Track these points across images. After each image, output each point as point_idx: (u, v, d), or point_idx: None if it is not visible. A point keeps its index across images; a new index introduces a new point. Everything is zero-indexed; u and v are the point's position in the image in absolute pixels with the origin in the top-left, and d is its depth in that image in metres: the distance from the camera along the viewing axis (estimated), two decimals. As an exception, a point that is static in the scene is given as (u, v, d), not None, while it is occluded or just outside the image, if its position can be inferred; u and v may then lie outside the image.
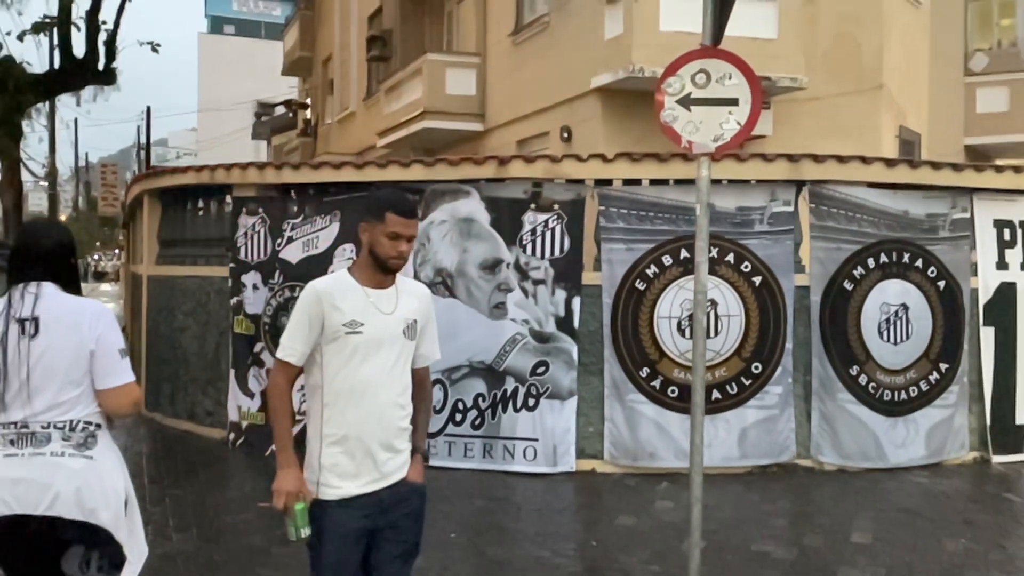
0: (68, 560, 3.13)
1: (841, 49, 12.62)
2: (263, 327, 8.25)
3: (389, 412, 3.17)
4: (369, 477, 3.12)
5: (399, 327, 3.18)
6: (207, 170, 8.78)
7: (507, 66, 15.18)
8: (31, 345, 3.07)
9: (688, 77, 5.09)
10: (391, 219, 3.07)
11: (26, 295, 3.13)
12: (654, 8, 11.43)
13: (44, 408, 3.07)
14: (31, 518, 3.01)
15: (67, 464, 3.07)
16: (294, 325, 3.14)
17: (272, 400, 3.24)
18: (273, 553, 5.60)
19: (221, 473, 7.82)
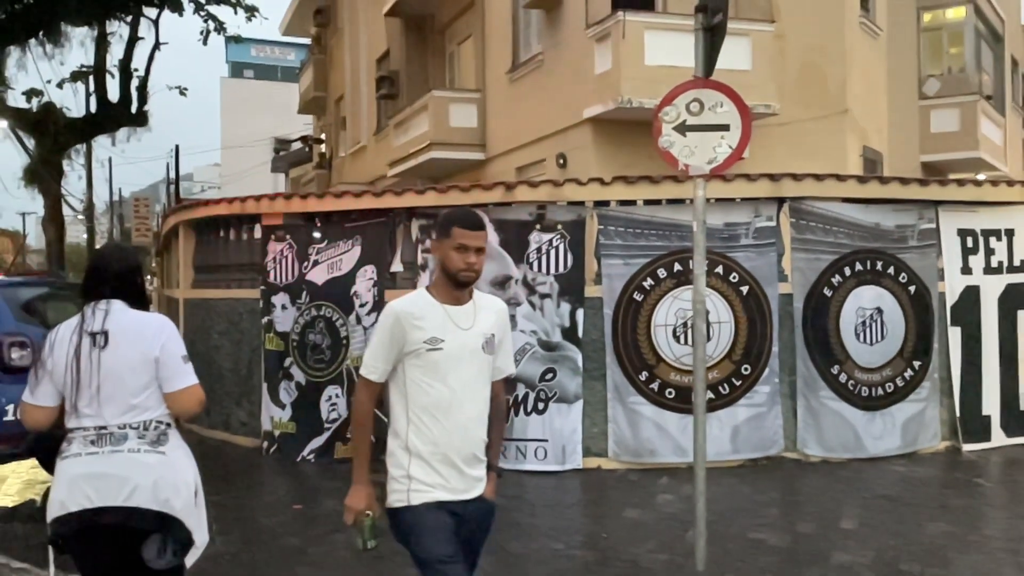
0: (148, 547, 3.15)
1: (809, 78, 12.63)
2: (291, 343, 8.19)
3: (472, 426, 3.04)
4: (450, 490, 2.99)
5: (478, 342, 3.04)
6: (238, 201, 8.73)
7: (505, 100, 15.17)
8: (101, 356, 3.13)
9: (683, 106, 5.07)
10: (457, 232, 2.95)
11: (97, 311, 3.20)
12: (639, 45, 11.43)
13: (118, 412, 3.13)
14: (110, 509, 3.05)
15: (143, 460, 3.12)
16: (376, 344, 3.03)
17: (355, 416, 3.13)
18: (309, 552, 5.53)
19: (256, 479, 7.73)
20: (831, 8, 12.92)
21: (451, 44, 18.37)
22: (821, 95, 12.68)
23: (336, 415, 7.97)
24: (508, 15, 14.96)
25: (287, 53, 56.90)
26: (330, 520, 6.19)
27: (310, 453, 7.99)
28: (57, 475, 3.15)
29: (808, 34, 12.60)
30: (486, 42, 15.93)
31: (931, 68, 17.08)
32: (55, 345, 3.17)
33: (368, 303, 8.00)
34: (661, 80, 11.16)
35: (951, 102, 16.41)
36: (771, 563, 5.25)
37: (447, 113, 16.00)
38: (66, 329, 3.20)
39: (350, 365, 7.96)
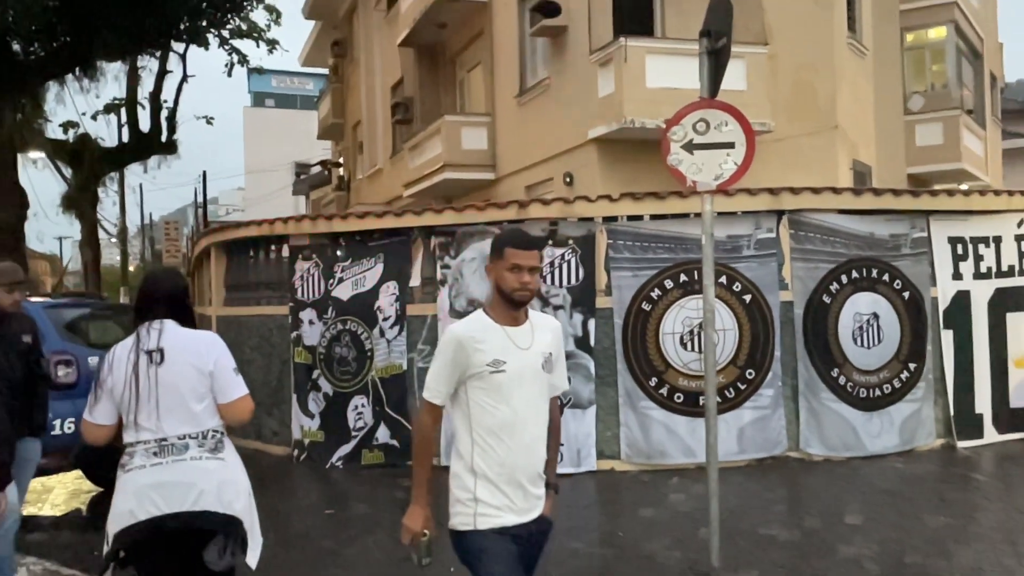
0: (209, 550, 3.19)
1: (800, 96, 12.61)
2: (319, 356, 8.18)
3: (536, 445, 2.90)
4: (516, 511, 2.84)
5: (538, 361, 2.90)
6: (267, 223, 8.73)
7: (514, 123, 15.18)
8: (159, 372, 3.16)
9: (690, 126, 5.04)
10: (510, 253, 2.81)
11: (151, 330, 3.22)
12: (640, 69, 11.44)
13: (177, 424, 3.15)
14: (179, 514, 3.07)
15: (205, 466, 3.16)
16: (438, 368, 2.88)
17: (417, 439, 2.97)
18: (342, 554, 5.50)
19: (289, 485, 7.69)
20: (820, 30, 12.90)
21: (461, 71, 18.41)
22: (812, 112, 12.66)
23: (362, 423, 7.95)
24: (515, 43, 14.98)
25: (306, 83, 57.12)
26: (361, 523, 6.18)
27: (338, 460, 7.96)
28: (121, 488, 3.14)
29: (799, 55, 12.59)
30: (495, 69, 15.96)
31: (915, 85, 17.06)
32: (113, 365, 3.18)
33: (391, 317, 7.99)
34: (662, 101, 11.20)
35: (935, 116, 16.39)
36: (782, 557, 5.20)
37: (459, 136, 16.01)
38: (122, 349, 3.21)
39: (375, 376, 7.95)
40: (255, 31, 18.14)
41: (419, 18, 16.85)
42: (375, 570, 5.20)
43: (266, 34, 18.45)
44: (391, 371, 7.93)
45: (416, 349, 7.91)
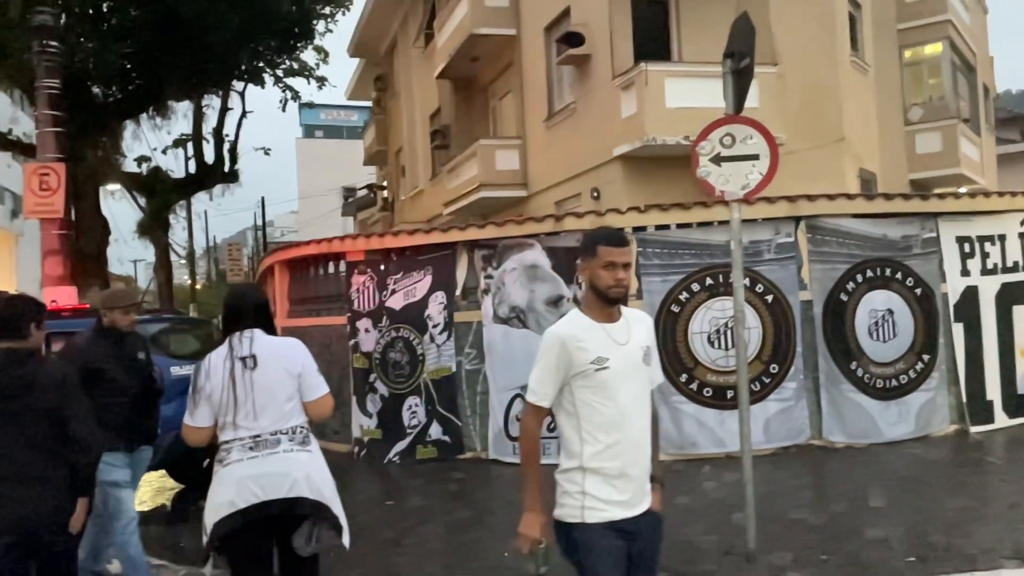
0: (298, 535, 3.21)
1: (808, 111, 12.42)
2: (374, 361, 8.18)
3: (644, 439, 2.69)
4: (626, 506, 2.61)
5: (638, 355, 2.68)
6: (325, 242, 8.77)
7: (543, 144, 15.14)
8: (253, 376, 3.19)
9: (717, 140, 4.96)
10: (603, 251, 2.60)
11: (243, 339, 3.25)
12: (660, 91, 11.35)
13: (271, 421, 3.18)
14: (276, 501, 3.09)
15: (296, 457, 3.18)
16: (542, 370, 2.64)
17: (524, 444, 2.72)
18: (403, 543, 5.47)
19: (350, 480, 7.66)
20: (825, 50, 12.73)
21: (493, 99, 18.43)
22: (820, 126, 12.46)
23: (416, 421, 7.93)
24: (543, 72, 14.96)
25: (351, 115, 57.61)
26: (418, 514, 6.14)
27: (395, 455, 7.95)
28: (220, 480, 3.16)
29: (806, 73, 12.41)
30: (524, 96, 15.94)
31: (914, 97, 16.77)
32: (210, 372, 3.20)
33: (440, 324, 7.97)
34: (680, 120, 11.12)
35: (933, 126, 16.08)
36: (814, 540, 5.08)
37: (493, 158, 16.00)
38: (217, 357, 3.23)
39: (426, 378, 7.92)
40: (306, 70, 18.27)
41: (454, 53, 16.90)
42: (434, 558, 5.16)
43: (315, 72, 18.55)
44: (441, 373, 7.90)
45: (463, 352, 7.87)
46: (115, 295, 4.77)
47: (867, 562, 4.64)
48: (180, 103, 17.80)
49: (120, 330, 4.57)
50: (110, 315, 4.55)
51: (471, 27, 15.76)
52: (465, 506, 6.33)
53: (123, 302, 4.65)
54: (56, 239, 9.71)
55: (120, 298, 4.70)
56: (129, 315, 4.60)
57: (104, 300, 4.70)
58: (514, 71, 16.38)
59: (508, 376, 7.56)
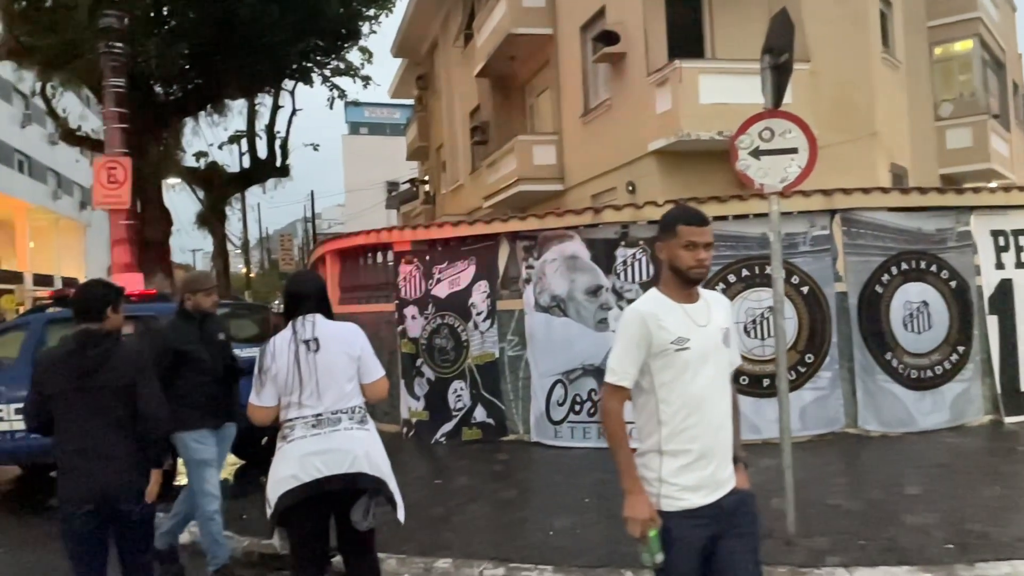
0: (356, 509, 3.23)
1: (841, 107, 12.13)
2: (421, 347, 8.17)
3: (725, 422, 2.51)
4: (709, 489, 2.44)
5: (718, 337, 2.50)
6: (374, 233, 8.78)
7: (579, 139, 15.02)
8: (316, 358, 3.21)
9: (756, 134, 4.83)
10: (683, 230, 2.43)
11: (305, 323, 3.28)
12: (694, 88, 11.17)
13: (332, 401, 3.20)
14: (338, 476, 3.12)
15: (356, 435, 3.20)
16: (623, 349, 2.45)
17: (610, 426, 2.48)
18: (452, 520, 5.44)
19: (400, 459, 7.56)
20: (857, 47, 12.41)
21: (531, 97, 18.32)
22: (852, 121, 12.16)
23: (461, 404, 7.92)
24: (579, 70, 14.81)
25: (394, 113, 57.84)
26: (465, 493, 6.12)
27: (442, 436, 7.94)
28: (283, 456, 3.19)
29: (839, 70, 12.11)
30: (561, 93, 15.81)
31: (945, 93, 16.32)
32: (276, 354, 3.22)
33: (483, 312, 7.93)
34: (715, 116, 10.92)
35: (964, 122, 15.64)
36: (851, 525, 4.94)
37: (531, 153, 15.92)
38: (281, 340, 3.25)
39: (471, 363, 7.90)
40: (352, 69, 18.33)
41: (493, 52, 16.81)
42: (482, 535, 5.12)
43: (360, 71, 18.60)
44: (485, 359, 7.87)
45: (506, 339, 7.83)
46: (197, 279, 4.74)
47: (905, 548, 4.51)
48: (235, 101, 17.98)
49: (202, 312, 4.55)
50: (193, 298, 4.53)
51: (509, 27, 15.66)
52: (510, 486, 6.30)
53: (205, 285, 4.63)
54: (123, 229, 9.87)
55: (202, 281, 4.68)
56: (211, 296, 4.59)
57: (186, 284, 4.68)
58: (551, 69, 16.25)
59: (549, 362, 7.50)
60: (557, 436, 7.42)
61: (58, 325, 6.98)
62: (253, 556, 4.97)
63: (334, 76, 18.28)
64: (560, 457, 7.12)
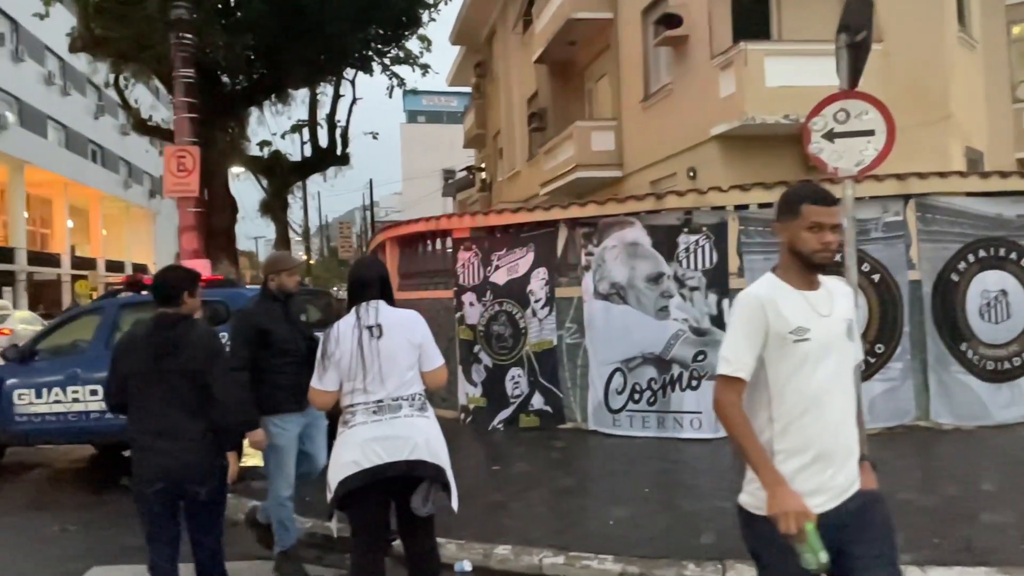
0: (416, 495, 3.23)
1: (914, 89, 11.61)
2: (479, 333, 8.17)
3: (846, 421, 2.26)
4: (828, 494, 2.19)
5: (841, 328, 2.27)
6: (433, 220, 8.79)
7: (639, 125, 14.79)
8: (379, 344, 3.20)
9: (830, 116, 4.66)
10: (808, 210, 2.21)
11: (369, 309, 3.28)
12: (760, 70, 10.85)
13: (394, 388, 3.19)
14: (398, 463, 3.11)
15: (416, 423, 3.19)
16: (738, 337, 2.23)
17: (730, 420, 2.22)
18: (510, 507, 5.42)
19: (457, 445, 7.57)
20: (931, 26, 11.86)
21: (589, 82, 18.12)
22: (925, 103, 11.64)
23: (519, 392, 7.89)
24: (640, 54, 14.57)
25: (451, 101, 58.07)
26: (523, 480, 6.09)
27: (499, 423, 7.94)
28: (344, 441, 3.20)
29: (912, 50, 11.60)
30: (620, 78, 15.58)
31: (1022, 75, 15.51)
32: (339, 340, 3.23)
33: (541, 299, 7.88)
34: (781, 99, 10.60)
35: (1043, 103, 14.87)
36: (923, 522, 4.74)
37: (589, 139, 15.76)
38: (345, 326, 3.25)
39: (529, 350, 7.86)
40: (411, 58, 18.39)
41: (552, 38, 16.66)
42: (540, 523, 5.08)
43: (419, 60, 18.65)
44: (543, 346, 7.82)
45: (564, 327, 7.77)
46: (280, 259, 4.71)
47: (981, 548, 4.30)
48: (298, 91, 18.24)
49: (286, 292, 4.51)
50: (277, 278, 4.48)
51: (569, 12, 15.49)
52: (568, 474, 6.26)
53: (288, 264, 4.59)
54: (192, 216, 10.12)
55: (285, 261, 4.65)
56: (294, 277, 4.55)
57: (269, 265, 4.64)
58: (610, 54, 16.02)
59: (608, 350, 7.42)
60: (616, 425, 7.34)
61: (130, 309, 7.21)
62: (316, 538, 5.04)
63: (393, 64, 18.38)
64: (618, 446, 7.04)
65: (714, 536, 4.62)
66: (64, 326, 7.66)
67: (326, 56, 15.70)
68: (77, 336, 7.41)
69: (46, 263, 35.08)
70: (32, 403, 7.06)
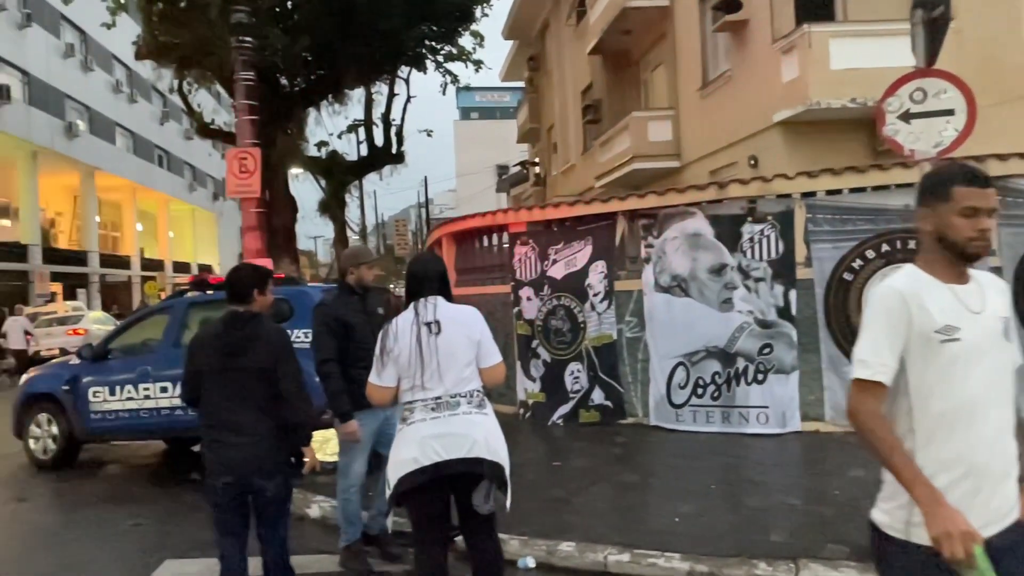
0: (477, 493, 3.17)
1: (989, 67, 11.07)
2: (536, 328, 8.12)
3: (1002, 435, 1.94)
4: (979, 520, 1.84)
5: (997, 327, 1.96)
6: (490, 215, 8.77)
7: (697, 114, 14.50)
8: (437, 341, 3.16)
9: (906, 95, 4.45)
10: (961, 193, 1.94)
11: (427, 305, 3.24)
12: (824, 53, 10.48)
13: (452, 384, 3.15)
14: (457, 460, 3.08)
15: (476, 420, 3.15)
16: (877, 335, 1.94)
17: (874, 430, 1.91)
18: (573, 502, 5.35)
19: (516, 440, 7.64)
20: (1005, 2, 11.30)
21: (645, 72, 17.86)
22: (1001, 82, 11.07)
23: (579, 387, 7.81)
24: (697, 41, 14.28)
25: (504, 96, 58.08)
26: (585, 476, 6.02)
27: (559, 418, 7.88)
28: (403, 438, 3.18)
29: (986, 27, 11.06)
30: (677, 66, 15.30)
31: (1110, 47, 14.63)
32: (398, 335, 3.21)
33: (600, 293, 7.78)
34: (847, 82, 10.24)
35: None
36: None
37: (645, 130, 15.53)
38: (404, 321, 3.23)
39: (588, 345, 7.78)
40: (464, 54, 18.42)
41: (606, 28, 16.47)
42: (604, 519, 5.01)
43: (472, 56, 18.66)
44: (602, 340, 7.72)
45: (624, 320, 7.65)
46: (359, 252, 4.68)
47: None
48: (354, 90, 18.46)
49: (364, 286, 4.49)
50: (356, 271, 4.45)
51: (624, 1, 15.28)
52: (630, 470, 6.15)
53: (367, 257, 4.57)
54: (254, 216, 10.32)
55: (364, 254, 4.62)
56: (373, 270, 4.53)
57: (348, 258, 4.62)
58: (667, 42, 15.75)
59: (670, 344, 7.28)
60: (678, 420, 7.20)
61: (198, 308, 7.39)
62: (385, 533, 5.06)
63: (447, 61, 18.44)
64: (681, 441, 6.90)
65: (785, 534, 4.48)
66: (135, 326, 7.90)
67: (380, 54, 15.84)
68: (147, 335, 7.63)
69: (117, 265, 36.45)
70: (106, 400, 7.31)
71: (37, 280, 28.37)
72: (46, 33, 29.56)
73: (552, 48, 24.36)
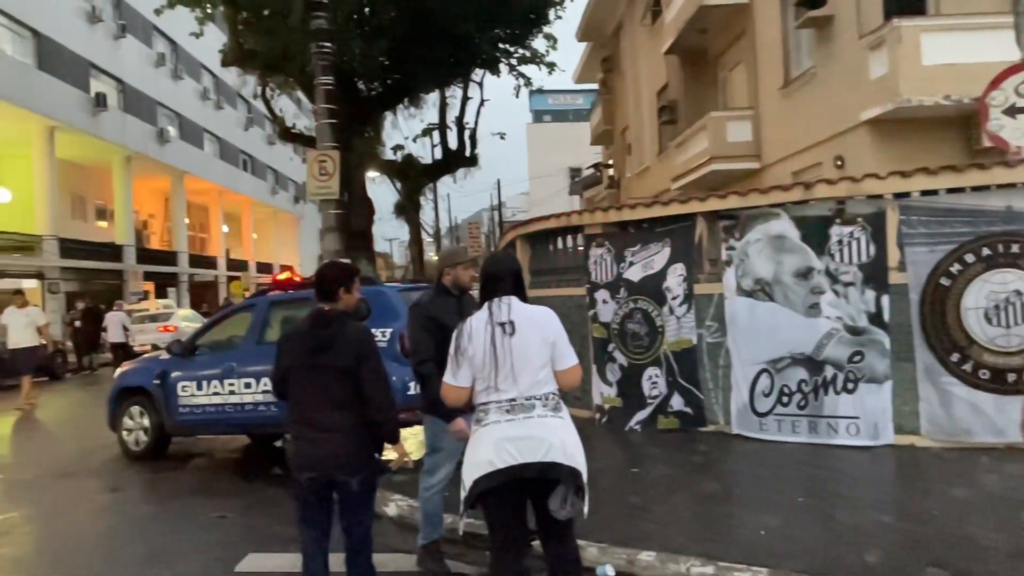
0: (553, 498, 3.09)
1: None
2: (612, 331, 7.98)
3: None
4: None
5: None
6: (564, 216, 8.67)
7: (778, 113, 14.06)
8: (512, 341, 3.11)
9: (1011, 89, 4.19)
10: None
11: (501, 305, 3.19)
12: (915, 48, 10.00)
13: (526, 386, 3.09)
14: (532, 464, 3.01)
15: (551, 423, 3.08)
16: None
17: None
18: (652, 510, 5.20)
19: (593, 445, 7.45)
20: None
21: (723, 71, 17.45)
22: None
23: (657, 392, 7.64)
24: (778, 38, 13.85)
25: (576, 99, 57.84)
26: (665, 483, 5.86)
27: (636, 424, 7.72)
28: (477, 440, 3.14)
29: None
30: (757, 64, 14.89)
31: None
32: (472, 336, 3.18)
33: (679, 296, 7.59)
34: (940, 78, 9.75)
35: None
36: None
37: (724, 130, 15.17)
38: (478, 322, 3.20)
39: (666, 350, 7.60)
40: (537, 56, 18.40)
41: (683, 27, 16.17)
42: (684, 529, 4.85)
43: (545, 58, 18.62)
44: (681, 345, 7.53)
45: (704, 325, 7.44)
46: (455, 252, 4.54)
47: None
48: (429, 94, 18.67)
49: (460, 287, 4.37)
50: (452, 272, 4.34)
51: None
52: (712, 478, 5.96)
53: (463, 258, 4.43)
54: (333, 218, 10.53)
55: (460, 254, 4.48)
56: (469, 270, 4.39)
57: (445, 258, 4.52)
58: (746, 40, 15.35)
59: (753, 350, 7.03)
60: (762, 429, 6.95)
61: (280, 306, 7.56)
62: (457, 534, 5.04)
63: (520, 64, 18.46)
64: (765, 451, 6.65)
65: (880, 554, 4.23)
66: (220, 323, 8.13)
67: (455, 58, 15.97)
68: (232, 332, 7.85)
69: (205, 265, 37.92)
70: (194, 395, 7.55)
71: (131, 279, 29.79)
72: (139, 43, 31.05)
73: (626, 49, 24.09)
